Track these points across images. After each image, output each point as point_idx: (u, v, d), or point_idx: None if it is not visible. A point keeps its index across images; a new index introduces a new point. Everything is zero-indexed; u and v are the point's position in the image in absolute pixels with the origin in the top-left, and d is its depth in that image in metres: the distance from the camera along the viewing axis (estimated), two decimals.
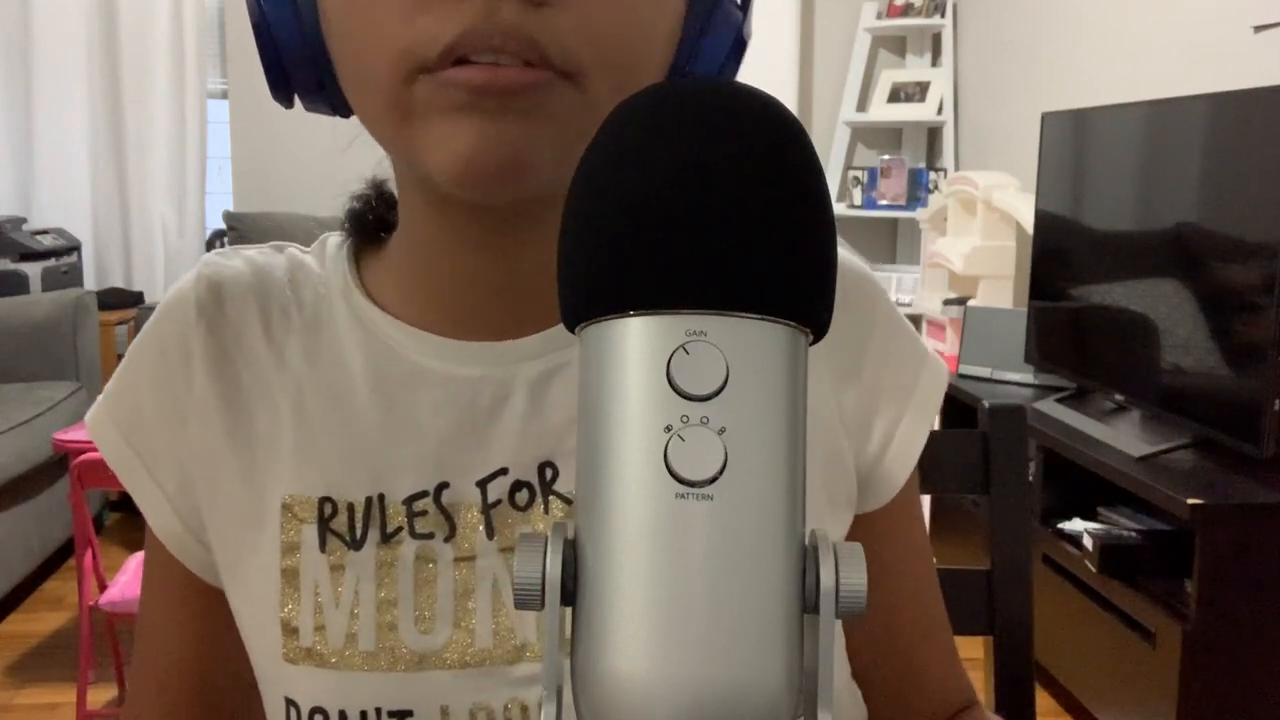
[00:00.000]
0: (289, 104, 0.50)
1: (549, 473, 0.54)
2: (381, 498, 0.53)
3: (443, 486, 0.53)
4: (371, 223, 0.59)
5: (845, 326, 0.33)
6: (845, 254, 0.56)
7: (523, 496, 0.53)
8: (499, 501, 0.53)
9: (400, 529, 0.53)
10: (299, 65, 0.48)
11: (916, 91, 4.18)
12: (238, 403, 0.55)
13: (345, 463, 0.54)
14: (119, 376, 0.58)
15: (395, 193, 0.57)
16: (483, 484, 0.53)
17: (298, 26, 0.46)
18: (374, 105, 0.46)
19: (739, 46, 0.50)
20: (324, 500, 0.53)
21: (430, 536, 0.53)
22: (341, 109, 0.50)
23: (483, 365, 0.54)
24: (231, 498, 0.55)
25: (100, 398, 0.58)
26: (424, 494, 0.53)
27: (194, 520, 0.56)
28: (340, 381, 0.55)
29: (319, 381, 0.55)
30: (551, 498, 0.53)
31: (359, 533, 0.53)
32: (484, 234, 0.52)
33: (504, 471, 0.53)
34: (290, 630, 0.53)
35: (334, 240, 0.60)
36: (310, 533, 0.53)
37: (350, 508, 0.53)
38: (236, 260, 0.58)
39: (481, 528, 0.53)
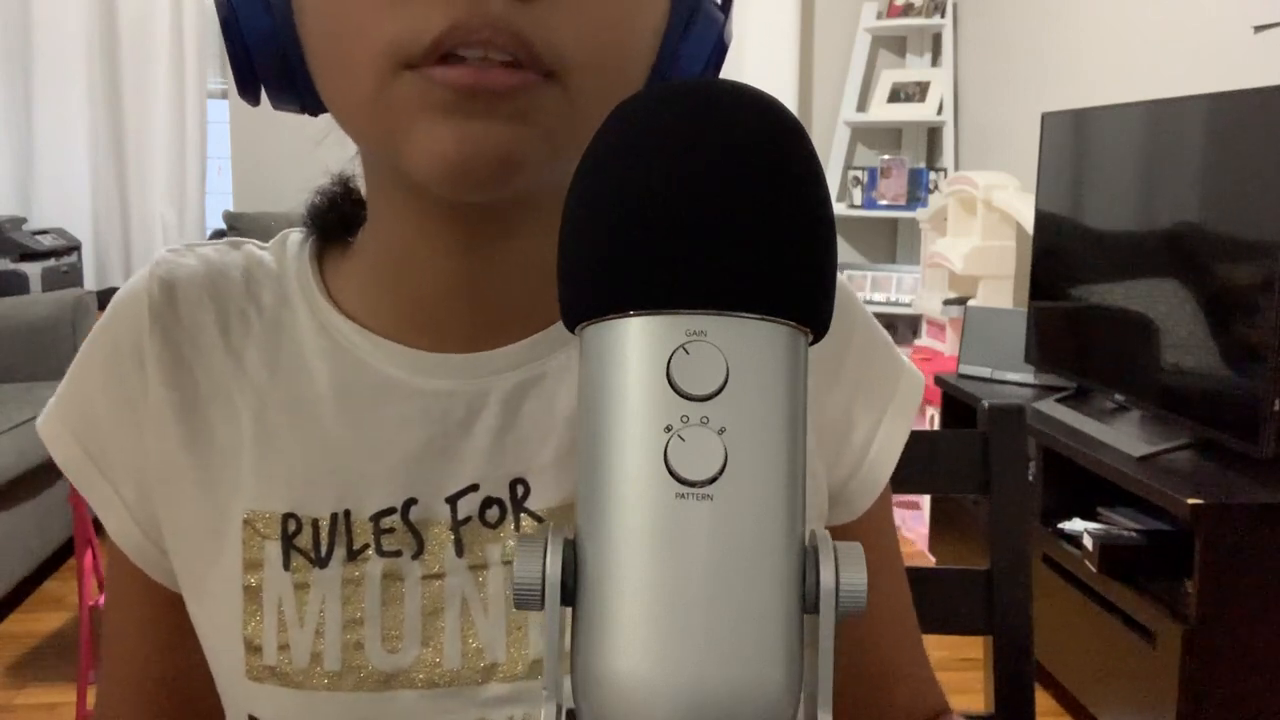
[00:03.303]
0: (255, 101, 0.49)
1: (520, 489, 0.52)
2: (348, 514, 0.51)
3: (411, 503, 0.51)
4: (336, 221, 0.57)
5: (823, 339, 0.33)
6: None
7: (493, 514, 0.52)
8: (469, 519, 0.52)
9: (367, 546, 0.51)
10: (268, 60, 0.46)
11: (916, 91, 4.18)
12: (195, 411, 0.53)
13: (310, 478, 0.52)
14: (71, 379, 0.56)
15: (363, 192, 0.55)
16: (452, 500, 0.52)
17: (268, 20, 0.45)
18: (353, 100, 0.44)
19: (720, 49, 0.49)
20: (288, 516, 0.51)
21: (398, 554, 0.51)
22: (311, 106, 0.48)
23: (455, 378, 0.52)
24: (190, 509, 0.53)
25: (52, 401, 0.56)
26: (391, 510, 0.51)
27: (153, 529, 0.54)
28: (303, 392, 0.53)
29: (281, 391, 0.53)
30: (523, 515, 0.52)
31: (324, 550, 0.51)
32: (460, 238, 0.50)
33: (474, 488, 0.52)
34: (253, 648, 0.51)
35: (294, 237, 0.58)
36: (274, 549, 0.51)
37: (315, 524, 0.51)
38: (191, 258, 0.55)
39: (451, 545, 0.51)
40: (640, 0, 0.45)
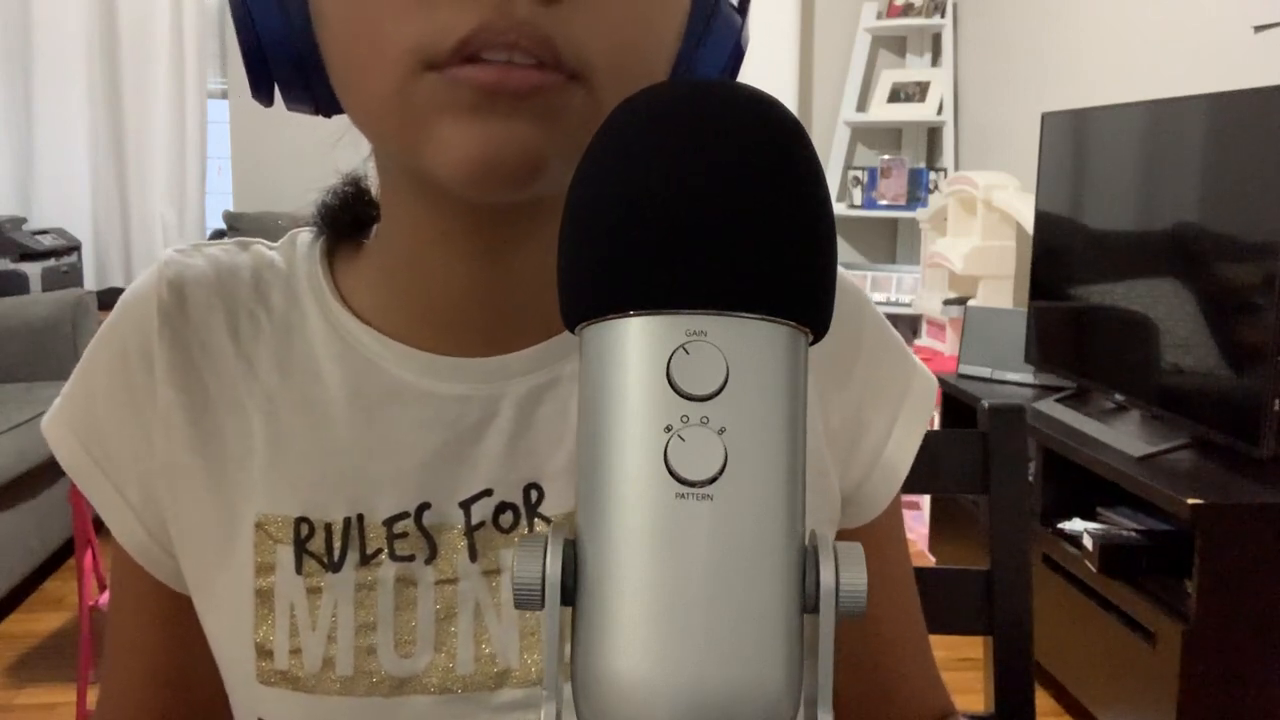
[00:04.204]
0: (269, 101, 0.48)
1: (534, 494, 0.52)
2: (360, 518, 0.51)
3: (424, 507, 0.51)
4: (348, 221, 0.56)
5: (833, 340, 0.33)
6: None
7: (507, 519, 0.52)
8: (482, 523, 0.51)
9: (380, 551, 0.51)
10: (283, 60, 0.45)
11: (916, 91, 4.18)
12: (205, 414, 0.52)
13: (322, 482, 0.51)
14: (77, 381, 0.55)
15: (374, 192, 0.54)
16: (466, 505, 0.51)
17: (283, 19, 0.44)
18: (372, 102, 0.44)
19: (737, 53, 0.49)
20: (300, 520, 0.51)
21: (411, 559, 0.51)
22: (325, 107, 0.48)
23: (469, 383, 0.52)
24: (199, 513, 0.52)
25: (57, 402, 0.56)
26: (405, 515, 0.51)
27: (160, 532, 0.54)
28: (316, 395, 0.52)
29: (293, 394, 0.52)
30: (536, 520, 0.52)
31: (337, 554, 0.51)
32: (476, 242, 0.49)
33: (488, 493, 0.52)
34: (265, 652, 0.51)
35: (304, 237, 0.57)
36: (286, 554, 0.51)
37: (328, 528, 0.51)
38: (199, 259, 0.55)
39: (464, 550, 0.51)
40: (663, 3, 0.45)
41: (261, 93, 0.48)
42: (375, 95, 0.43)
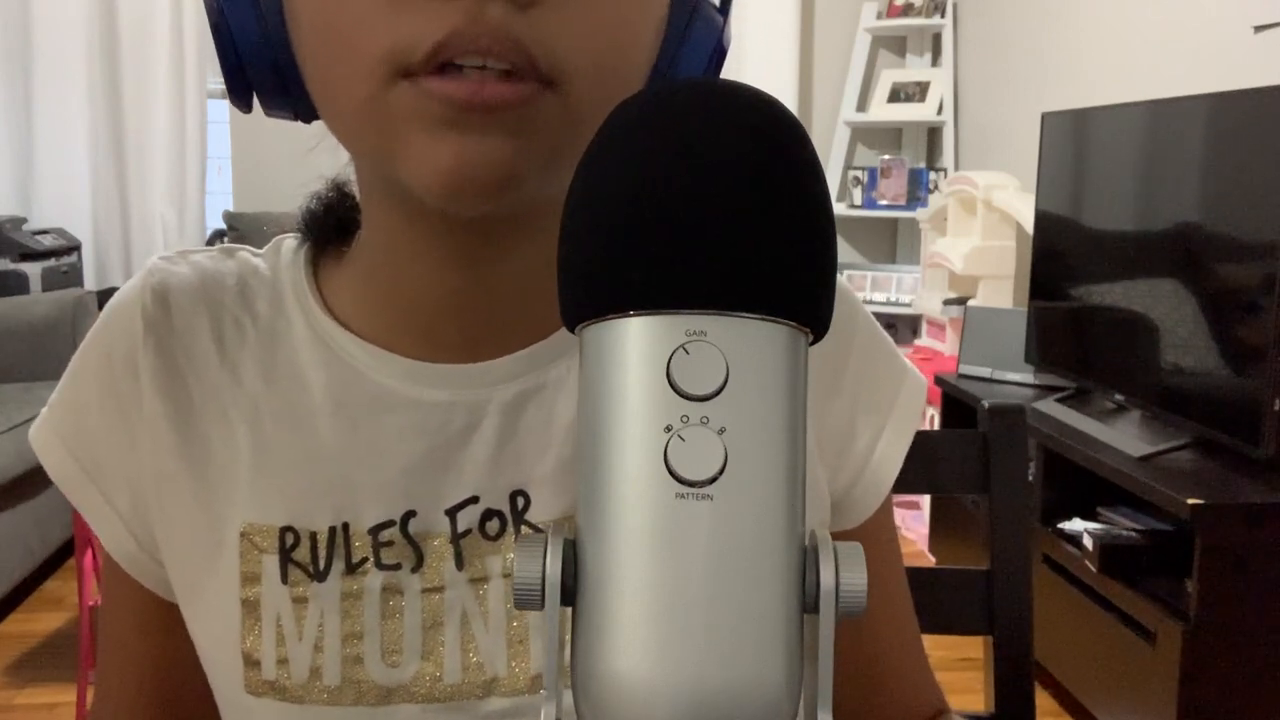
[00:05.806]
0: (247, 108, 0.48)
1: (520, 501, 0.51)
2: (346, 527, 0.51)
3: (410, 515, 0.51)
4: (331, 226, 0.56)
5: (825, 344, 0.33)
6: None
7: (493, 526, 0.51)
8: (469, 531, 0.51)
9: (366, 559, 0.51)
10: (260, 67, 0.45)
11: (916, 91, 4.18)
12: (190, 422, 0.52)
13: (307, 491, 0.51)
14: (64, 389, 0.55)
15: (358, 197, 0.54)
16: (452, 513, 0.51)
17: (259, 26, 0.44)
18: (347, 110, 0.44)
19: (719, 54, 0.48)
20: (285, 530, 0.51)
21: (397, 567, 0.51)
22: (304, 114, 0.48)
23: (454, 389, 0.52)
24: (185, 521, 0.52)
25: (44, 410, 0.56)
26: (390, 523, 0.51)
27: (148, 540, 0.54)
28: (300, 403, 0.52)
29: (277, 402, 0.52)
30: (523, 527, 0.51)
31: (322, 564, 0.50)
32: (459, 247, 0.49)
33: (474, 500, 0.51)
34: (252, 663, 0.51)
35: (289, 244, 0.57)
36: (271, 563, 0.51)
37: (313, 537, 0.51)
38: (183, 267, 0.55)
39: (450, 558, 0.51)
40: (639, 5, 0.44)
41: (240, 98, 0.47)
42: (350, 104, 0.43)
